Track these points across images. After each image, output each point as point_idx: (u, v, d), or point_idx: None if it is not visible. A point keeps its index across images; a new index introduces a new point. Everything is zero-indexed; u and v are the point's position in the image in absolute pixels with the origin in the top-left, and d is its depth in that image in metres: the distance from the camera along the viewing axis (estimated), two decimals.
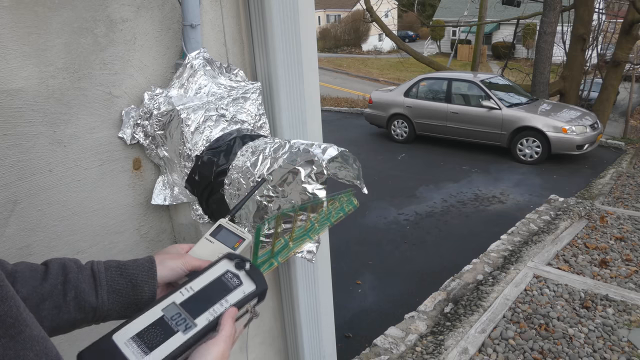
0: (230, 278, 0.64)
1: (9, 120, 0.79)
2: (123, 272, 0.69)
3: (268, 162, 0.88)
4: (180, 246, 0.77)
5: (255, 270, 0.66)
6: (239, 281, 0.64)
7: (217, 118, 1.00)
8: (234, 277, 0.64)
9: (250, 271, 0.65)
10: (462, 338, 2.79)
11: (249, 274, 0.65)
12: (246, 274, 0.64)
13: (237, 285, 0.63)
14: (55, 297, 0.63)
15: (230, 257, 0.66)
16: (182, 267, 0.72)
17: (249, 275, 0.64)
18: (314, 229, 0.79)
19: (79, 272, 0.66)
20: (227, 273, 0.64)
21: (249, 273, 0.65)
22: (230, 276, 0.64)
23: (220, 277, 0.64)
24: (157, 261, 0.72)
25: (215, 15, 1.10)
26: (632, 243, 4.05)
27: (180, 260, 0.72)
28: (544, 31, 9.00)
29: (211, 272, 0.64)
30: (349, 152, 0.85)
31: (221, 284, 0.63)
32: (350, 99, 15.16)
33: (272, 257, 0.72)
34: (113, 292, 0.67)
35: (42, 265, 0.66)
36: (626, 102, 11.02)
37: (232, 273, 0.64)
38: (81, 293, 0.65)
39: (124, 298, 0.68)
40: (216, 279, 0.63)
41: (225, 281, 0.63)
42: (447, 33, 30.01)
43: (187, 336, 0.57)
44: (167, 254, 0.75)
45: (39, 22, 0.80)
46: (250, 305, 0.64)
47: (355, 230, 5.06)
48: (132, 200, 1.02)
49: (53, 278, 0.64)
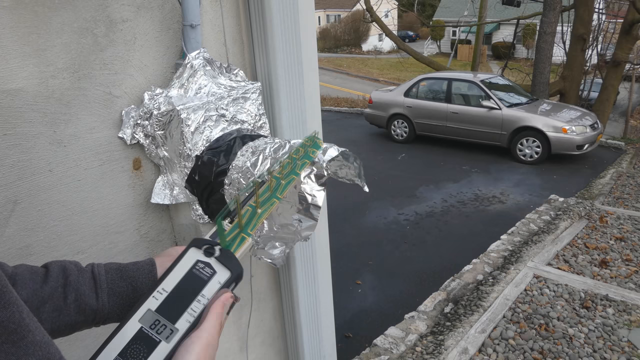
0: (201, 269, 0.60)
1: (9, 120, 0.79)
2: (123, 275, 0.69)
3: (268, 162, 0.88)
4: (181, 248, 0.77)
5: (226, 253, 0.62)
6: (212, 270, 0.60)
7: (217, 118, 1.00)
8: (205, 266, 0.60)
9: (221, 256, 0.61)
10: (462, 338, 2.79)
11: (221, 260, 0.60)
12: (217, 261, 0.60)
13: (211, 275, 0.59)
14: (55, 299, 0.63)
15: (197, 244, 0.62)
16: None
17: (220, 262, 0.60)
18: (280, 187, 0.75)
19: (80, 275, 0.66)
20: (198, 264, 0.60)
21: (220, 259, 0.61)
22: (201, 267, 0.60)
23: (191, 270, 0.59)
24: (158, 263, 0.72)
25: (215, 15, 1.10)
26: (632, 243, 4.05)
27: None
28: (544, 31, 9.00)
29: (181, 266, 0.60)
30: (349, 152, 0.85)
31: (194, 278, 0.59)
32: (350, 99, 15.16)
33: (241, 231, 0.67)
34: (113, 295, 0.67)
35: (42, 267, 0.66)
36: (626, 102, 11.02)
37: (202, 262, 0.60)
38: (81, 296, 0.65)
39: (124, 300, 0.68)
40: (187, 274, 0.59)
41: (198, 273, 0.59)
42: (447, 33, 30.01)
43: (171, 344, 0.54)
44: (168, 256, 0.75)
45: (39, 22, 0.80)
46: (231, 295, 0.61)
47: (355, 230, 5.06)
48: (132, 200, 1.02)
49: (53, 281, 0.64)
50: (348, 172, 0.87)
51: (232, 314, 1.35)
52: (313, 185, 0.83)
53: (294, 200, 0.85)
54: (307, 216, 0.85)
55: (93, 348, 0.59)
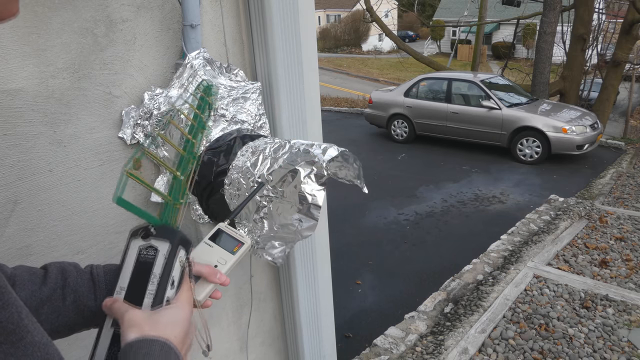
0: (146, 253, 0.62)
1: (9, 120, 0.79)
2: None
3: (268, 162, 0.88)
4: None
5: (161, 227, 0.63)
6: (154, 249, 0.61)
7: (217, 118, 1.00)
8: (148, 249, 0.62)
9: (157, 233, 0.62)
10: (462, 338, 2.79)
11: (158, 236, 0.62)
12: (156, 238, 0.62)
13: (155, 254, 0.61)
14: (54, 301, 0.63)
15: (134, 234, 0.64)
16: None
17: (158, 237, 0.62)
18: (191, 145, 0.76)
19: (78, 276, 0.67)
20: (141, 251, 0.62)
21: (157, 235, 0.62)
22: (145, 251, 0.62)
23: (137, 259, 0.62)
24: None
25: (215, 15, 1.10)
26: (632, 243, 4.05)
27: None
28: (544, 31, 9.00)
29: (128, 259, 0.62)
30: (349, 152, 0.85)
31: (142, 265, 0.61)
32: (350, 99, 15.16)
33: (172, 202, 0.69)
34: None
35: (41, 269, 0.66)
36: (626, 102, 11.01)
37: (144, 247, 0.62)
38: (80, 297, 0.65)
39: None
40: (136, 264, 0.61)
41: (144, 259, 0.61)
42: (447, 33, 30.00)
43: None
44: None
45: (39, 22, 0.80)
46: (181, 260, 0.62)
47: (355, 230, 5.06)
48: (132, 200, 1.02)
49: (52, 282, 0.64)
50: (348, 173, 0.87)
51: (232, 314, 1.35)
52: (313, 185, 0.83)
53: (295, 200, 0.85)
54: (307, 216, 0.85)
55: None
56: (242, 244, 0.73)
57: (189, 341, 0.60)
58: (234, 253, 0.73)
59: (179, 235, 0.63)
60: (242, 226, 0.95)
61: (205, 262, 0.69)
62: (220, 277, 0.68)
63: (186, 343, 0.59)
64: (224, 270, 0.70)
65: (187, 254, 0.64)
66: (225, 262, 0.71)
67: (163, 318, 0.58)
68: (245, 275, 1.35)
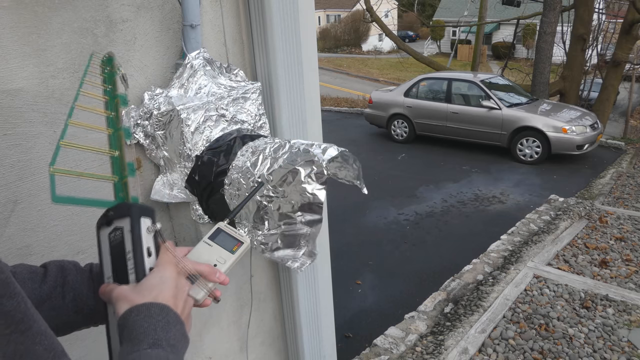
0: (115, 237, 0.63)
1: (9, 120, 0.79)
2: None
3: (268, 162, 0.88)
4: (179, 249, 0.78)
5: (117, 207, 0.64)
6: (120, 229, 0.63)
7: (217, 118, 1.00)
8: (114, 231, 0.63)
9: (115, 213, 0.64)
10: (462, 338, 2.79)
11: (117, 215, 0.63)
12: (117, 219, 0.63)
13: (121, 233, 0.62)
14: (54, 299, 0.63)
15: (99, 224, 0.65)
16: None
17: (119, 217, 0.63)
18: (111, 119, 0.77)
19: (78, 275, 0.67)
20: (110, 236, 0.63)
21: (116, 215, 0.64)
22: (113, 236, 0.63)
23: (110, 246, 0.63)
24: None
25: (215, 15, 1.10)
26: (632, 243, 4.05)
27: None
28: (544, 31, 9.00)
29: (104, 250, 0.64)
30: (349, 152, 0.85)
31: (116, 248, 0.62)
32: (350, 99, 15.16)
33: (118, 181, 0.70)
34: None
35: (41, 267, 0.66)
36: (626, 102, 11.01)
37: (111, 232, 0.63)
38: (80, 295, 0.65)
39: None
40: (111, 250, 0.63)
41: (115, 242, 0.63)
42: (447, 33, 30.00)
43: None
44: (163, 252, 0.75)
45: (39, 22, 0.80)
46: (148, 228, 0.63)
47: (355, 230, 5.06)
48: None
49: (52, 280, 0.64)
50: (347, 173, 0.87)
51: (232, 314, 1.35)
52: (314, 185, 0.83)
53: (295, 199, 0.85)
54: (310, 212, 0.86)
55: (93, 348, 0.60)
56: (242, 244, 0.73)
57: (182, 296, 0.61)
58: (233, 252, 0.73)
59: (136, 207, 0.64)
60: (242, 226, 0.95)
61: (205, 261, 0.70)
62: (219, 276, 0.68)
63: (179, 299, 0.60)
64: (223, 269, 0.71)
65: (152, 220, 0.65)
66: (224, 262, 0.71)
67: (146, 284, 0.59)
68: (245, 275, 1.35)
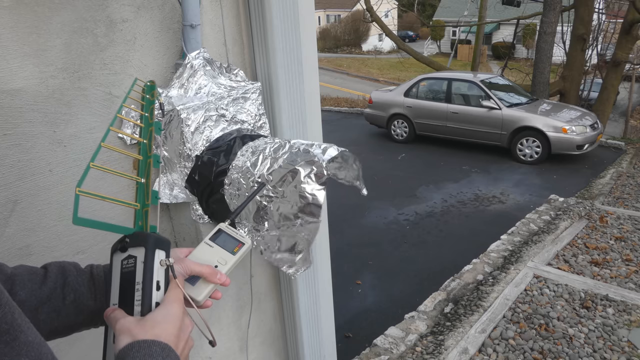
0: (127, 264, 0.62)
1: (9, 120, 0.79)
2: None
3: (268, 162, 0.88)
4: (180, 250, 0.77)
5: (134, 235, 0.64)
6: (133, 258, 0.62)
7: (217, 118, 1.00)
8: (127, 259, 0.62)
9: (131, 241, 0.63)
10: (462, 338, 2.79)
11: (133, 244, 0.63)
12: (132, 247, 0.63)
13: (134, 262, 0.62)
14: (54, 300, 0.63)
15: (114, 249, 0.64)
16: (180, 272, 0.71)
17: (134, 245, 0.62)
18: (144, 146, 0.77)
19: (78, 276, 0.67)
20: (122, 263, 0.62)
21: (132, 243, 0.63)
22: (125, 263, 0.62)
23: (121, 272, 0.62)
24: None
25: (215, 15, 1.10)
26: (632, 243, 4.05)
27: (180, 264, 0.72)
28: (544, 31, 9.00)
29: (114, 276, 0.63)
30: (349, 152, 0.85)
31: (126, 276, 0.61)
32: (350, 99, 15.16)
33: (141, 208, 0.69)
34: None
35: (41, 268, 0.66)
36: (626, 102, 11.01)
37: (124, 259, 0.63)
38: (80, 296, 0.65)
39: None
40: (121, 277, 0.62)
41: (126, 270, 0.62)
42: (447, 33, 30.00)
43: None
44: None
45: (39, 22, 0.80)
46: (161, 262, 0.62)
47: (355, 230, 5.05)
48: (132, 200, 1.01)
49: (52, 281, 0.64)
50: (347, 173, 0.87)
51: (232, 314, 1.35)
52: (313, 185, 0.83)
53: (295, 200, 0.85)
54: (308, 215, 0.85)
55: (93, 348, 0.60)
56: (243, 245, 0.73)
57: (184, 336, 0.60)
58: (234, 253, 0.72)
59: (153, 238, 0.63)
60: (242, 226, 0.95)
61: (206, 262, 0.69)
62: (220, 277, 0.68)
63: (181, 339, 0.59)
64: (224, 270, 0.70)
65: (166, 254, 0.64)
66: (225, 263, 0.71)
67: (151, 319, 0.57)
68: (245, 275, 1.35)
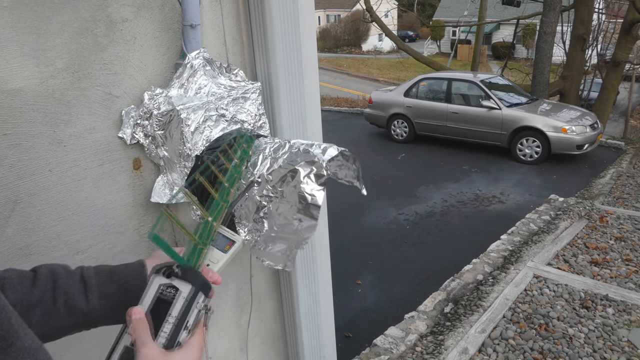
0: (166, 291, 0.61)
1: (9, 120, 0.79)
2: (113, 277, 0.69)
3: (268, 162, 0.88)
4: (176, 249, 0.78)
5: (186, 269, 0.63)
6: (175, 289, 0.61)
7: (217, 118, 1.00)
8: (169, 288, 0.61)
9: (181, 274, 0.62)
10: (462, 338, 2.79)
11: (182, 277, 0.62)
12: (179, 279, 0.62)
13: (175, 294, 0.61)
14: (44, 303, 0.62)
15: (158, 270, 0.63)
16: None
17: (182, 279, 0.62)
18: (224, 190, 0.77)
19: (69, 278, 0.66)
20: (161, 288, 0.61)
21: (181, 276, 0.62)
22: (165, 289, 0.61)
23: (157, 297, 0.61)
24: (148, 265, 0.72)
25: (215, 15, 1.10)
26: (632, 243, 4.05)
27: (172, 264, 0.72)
28: (544, 31, 9.00)
29: (148, 296, 0.62)
30: (349, 152, 0.85)
31: (161, 303, 0.60)
32: (350, 99, 15.16)
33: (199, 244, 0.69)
34: (104, 297, 0.67)
35: (31, 271, 0.65)
36: (626, 102, 11.01)
37: (165, 285, 0.62)
38: (71, 299, 0.64)
39: (115, 303, 0.68)
40: (155, 301, 0.61)
41: (163, 297, 0.61)
42: (447, 33, 30.00)
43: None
44: (158, 257, 0.75)
45: (39, 22, 0.80)
46: (199, 303, 0.62)
47: (355, 230, 5.06)
48: (132, 200, 1.02)
49: (42, 284, 0.63)
50: (347, 173, 0.87)
51: (232, 313, 1.35)
52: (313, 185, 0.83)
53: (294, 200, 0.85)
54: (307, 216, 0.85)
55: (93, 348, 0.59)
56: (234, 243, 0.73)
57: None
58: (225, 252, 0.73)
59: (202, 280, 0.63)
60: (243, 226, 0.95)
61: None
62: (212, 275, 0.68)
63: None
64: (216, 269, 0.70)
65: (205, 299, 0.64)
66: (217, 261, 0.71)
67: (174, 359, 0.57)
68: (245, 275, 1.35)
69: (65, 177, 0.89)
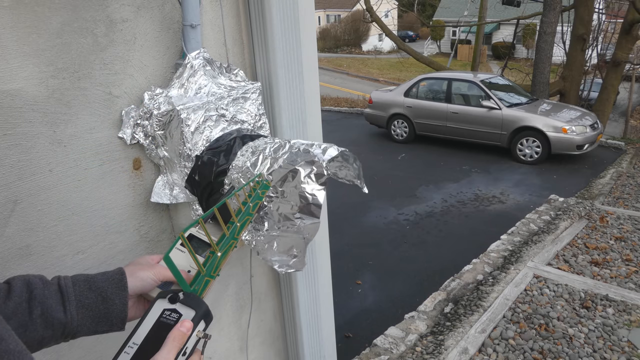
0: (168, 316, 0.62)
1: (9, 120, 0.79)
2: (92, 286, 0.68)
3: (268, 162, 0.88)
4: (151, 257, 0.77)
5: (190, 295, 0.64)
6: (178, 314, 0.62)
7: (217, 118, 1.00)
8: (171, 313, 0.62)
9: (185, 299, 0.63)
10: (462, 338, 2.79)
11: (185, 302, 0.63)
12: (182, 304, 0.63)
13: (177, 319, 0.61)
14: (20, 315, 0.61)
15: (162, 295, 0.64)
16: (152, 278, 0.71)
17: (185, 304, 0.63)
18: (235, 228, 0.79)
19: (45, 288, 0.65)
20: (164, 312, 0.62)
21: (185, 301, 0.63)
22: (168, 314, 0.62)
23: (159, 320, 0.62)
24: (127, 273, 0.71)
25: (215, 15, 1.10)
26: (632, 243, 4.05)
27: (151, 271, 0.72)
28: (544, 31, 9.00)
29: (149, 318, 0.62)
30: (349, 152, 0.85)
31: (162, 326, 0.61)
32: (350, 99, 15.16)
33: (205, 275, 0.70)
34: (82, 307, 0.66)
35: (4, 283, 0.64)
36: (626, 102, 11.01)
37: (168, 310, 0.62)
38: (48, 309, 0.63)
39: (94, 312, 0.67)
40: (155, 324, 0.61)
41: (165, 321, 0.61)
42: (447, 33, 30.01)
43: None
44: (137, 265, 0.74)
45: (39, 22, 0.80)
46: (199, 331, 0.62)
47: (356, 230, 5.06)
48: (132, 200, 1.02)
49: (17, 296, 0.62)
50: (348, 172, 0.87)
51: (232, 313, 1.35)
52: (313, 185, 0.83)
53: (295, 200, 0.85)
54: (308, 215, 0.85)
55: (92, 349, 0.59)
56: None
57: None
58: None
59: (205, 308, 0.64)
60: None
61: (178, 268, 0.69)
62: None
63: None
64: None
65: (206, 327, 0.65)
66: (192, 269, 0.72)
67: None
68: (245, 275, 1.35)
69: (66, 177, 0.89)
